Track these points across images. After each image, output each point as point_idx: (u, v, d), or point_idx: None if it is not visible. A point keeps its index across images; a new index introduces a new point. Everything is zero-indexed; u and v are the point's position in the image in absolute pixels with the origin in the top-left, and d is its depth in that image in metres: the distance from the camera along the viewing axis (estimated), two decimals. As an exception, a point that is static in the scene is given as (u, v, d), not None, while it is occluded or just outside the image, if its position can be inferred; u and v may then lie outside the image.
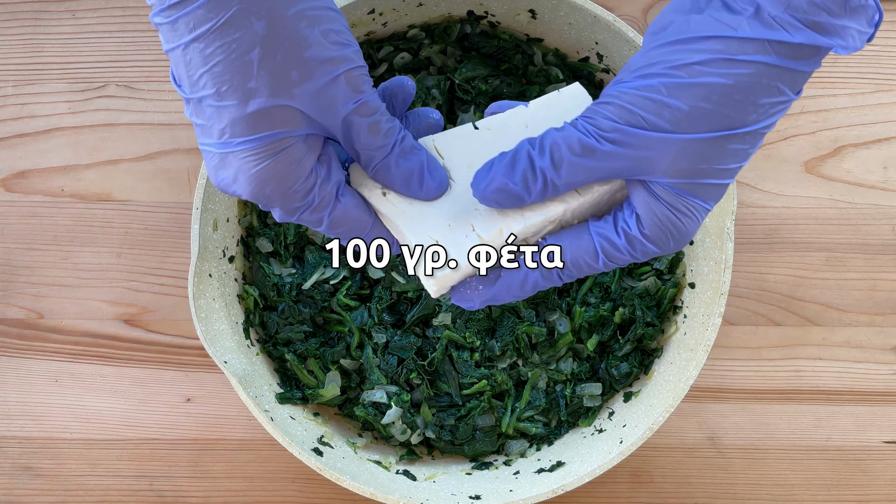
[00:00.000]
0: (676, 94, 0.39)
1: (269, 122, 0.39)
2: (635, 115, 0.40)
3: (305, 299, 0.68)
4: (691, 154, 0.40)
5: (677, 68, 0.39)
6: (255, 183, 0.41)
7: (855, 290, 0.74)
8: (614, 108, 0.40)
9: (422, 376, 0.67)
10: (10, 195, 0.73)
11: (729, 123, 0.40)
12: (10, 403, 0.73)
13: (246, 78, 0.38)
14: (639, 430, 0.62)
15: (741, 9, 0.39)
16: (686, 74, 0.39)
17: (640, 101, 0.40)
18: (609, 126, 0.40)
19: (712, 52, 0.39)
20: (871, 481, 0.73)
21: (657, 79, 0.40)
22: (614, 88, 0.41)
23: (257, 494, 0.72)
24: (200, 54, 0.38)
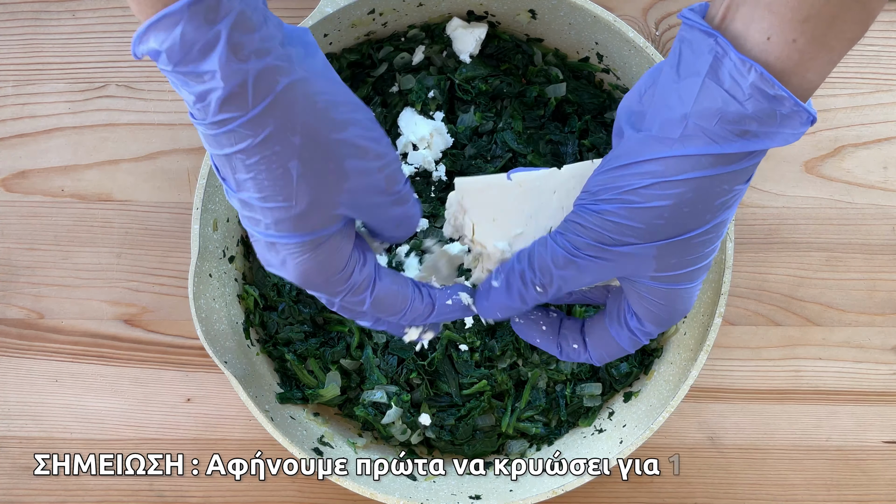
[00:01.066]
0: (632, 217, 0.42)
1: (311, 222, 0.42)
2: (602, 235, 0.43)
3: (305, 299, 0.68)
4: (660, 257, 0.43)
5: (626, 193, 0.42)
6: (300, 272, 0.44)
7: (855, 290, 0.74)
8: (584, 229, 0.44)
9: (422, 376, 0.67)
10: (11, 195, 0.73)
11: (686, 228, 0.42)
12: (10, 403, 0.73)
13: (287, 185, 0.41)
14: (639, 430, 0.62)
15: (675, 125, 0.40)
16: (637, 198, 0.42)
17: (602, 224, 0.43)
18: (582, 244, 0.44)
19: (653, 175, 0.41)
20: (871, 481, 0.73)
21: (612, 204, 0.43)
22: (580, 208, 0.44)
23: (257, 494, 0.72)
24: (243, 164, 0.40)
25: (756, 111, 0.39)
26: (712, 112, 0.39)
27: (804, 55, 0.38)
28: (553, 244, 0.45)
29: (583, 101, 0.69)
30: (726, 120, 0.39)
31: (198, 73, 0.38)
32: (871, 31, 0.74)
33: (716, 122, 0.39)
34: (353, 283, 0.46)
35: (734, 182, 0.41)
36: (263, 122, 0.39)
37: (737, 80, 0.38)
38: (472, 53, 0.69)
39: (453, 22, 0.68)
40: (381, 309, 0.47)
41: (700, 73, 0.39)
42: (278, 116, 0.39)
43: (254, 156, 0.40)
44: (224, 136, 0.40)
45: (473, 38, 0.68)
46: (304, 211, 0.42)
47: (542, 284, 0.46)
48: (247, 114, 0.39)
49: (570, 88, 0.69)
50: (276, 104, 0.39)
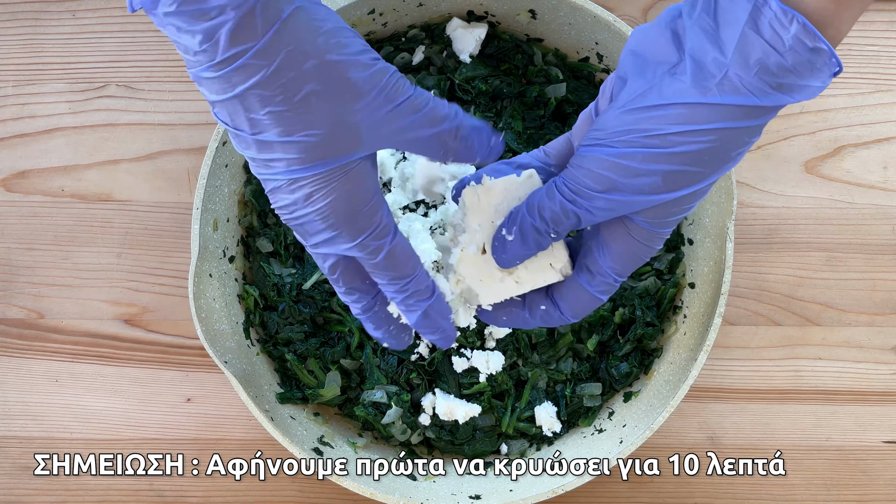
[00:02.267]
0: (651, 162, 0.41)
1: (336, 146, 0.42)
2: (612, 181, 0.43)
3: (305, 299, 0.68)
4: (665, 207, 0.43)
5: (651, 137, 0.41)
6: (329, 203, 0.43)
7: (855, 290, 0.74)
8: (592, 175, 0.43)
9: (422, 376, 0.67)
10: (11, 195, 0.73)
11: (700, 178, 0.42)
12: (10, 403, 0.73)
13: (307, 111, 0.41)
14: (639, 430, 0.62)
15: (711, 73, 0.40)
16: (660, 143, 0.41)
17: (616, 168, 0.42)
18: (588, 194, 0.43)
19: (682, 120, 0.40)
20: (871, 481, 0.73)
21: (632, 147, 0.42)
22: (591, 150, 0.43)
23: (257, 494, 0.72)
24: (259, 98, 0.40)
25: (795, 63, 0.38)
26: (752, 63, 0.39)
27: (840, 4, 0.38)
28: (560, 196, 0.45)
29: (583, 101, 0.69)
30: (765, 72, 0.39)
31: (204, 9, 0.38)
32: (870, 31, 0.74)
33: (754, 73, 0.39)
34: (378, 222, 0.45)
35: (754, 134, 0.41)
36: (276, 49, 0.39)
37: (777, 31, 0.38)
38: (472, 53, 0.69)
39: (453, 22, 0.68)
40: (392, 265, 0.46)
41: (739, 22, 0.38)
42: (288, 42, 0.39)
43: (270, 87, 0.40)
44: (236, 72, 0.39)
45: (473, 38, 0.68)
46: (328, 135, 0.42)
47: (555, 231, 0.46)
48: (257, 42, 0.39)
49: (570, 88, 0.69)
50: (284, 29, 0.39)
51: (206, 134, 0.73)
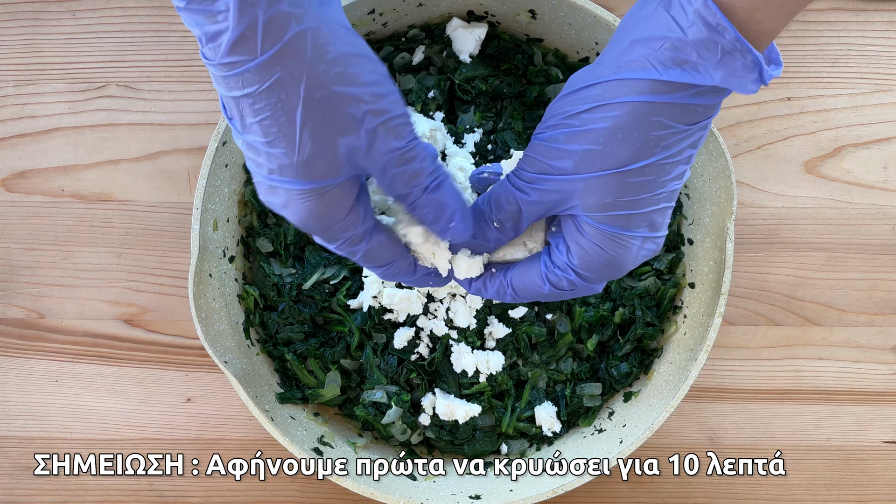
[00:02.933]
0: (571, 141, 0.43)
1: (313, 170, 0.43)
2: (544, 164, 0.45)
3: (305, 299, 0.68)
4: (595, 190, 0.44)
5: (569, 118, 0.43)
6: (301, 217, 0.44)
7: (855, 290, 0.74)
8: (530, 160, 0.46)
9: (422, 376, 0.67)
10: (11, 195, 0.73)
11: (622, 160, 0.43)
12: (11, 403, 0.73)
13: (291, 132, 0.41)
14: (639, 430, 0.62)
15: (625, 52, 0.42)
16: (577, 122, 0.43)
17: (546, 151, 0.45)
18: (528, 176, 0.46)
19: (594, 98, 0.42)
20: (871, 481, 0.73)
21: (556, 129, 0.44)
22: (532, 140, 0.46)
23: (257, 494, 0.72)
24: (251, 107, 0.41)
25: (696, 39, 0.39)
26: (657, 38, 0.40)
27: None
28: (506, 181, 0.47)
29: (583, 101, 0.69)
30: (668, 47, 0.40)
31: (211, 11, 0.38)
32: (870, 31, 0.74)
33: (658, 48, 0.40)
34: (351, 235, 0.46)
35: (673, 117, 0.42)
36: (271, 69, 0.39)
37: (683, 7, 0.39)
38: (472, 53, 0.69)
39: (453, 22, 0.68)
40: (370, 260, 0.48)
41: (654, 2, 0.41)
42: (286, 64, 0.39)
43: (260, 101, 0.40)
44: (233, 78, 0.40)
45: (473, 38, 0.68)
46: (307, 160, 0.42)
47: (499, 220, 0.48)
48: (255, 59, 0.39)
49: (570, 88, 0.69)
50: (284, 51, 0.39)
51: (206, 134, 0.73)
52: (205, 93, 0.73)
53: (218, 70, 0.40)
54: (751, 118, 0.74)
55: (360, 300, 0.67)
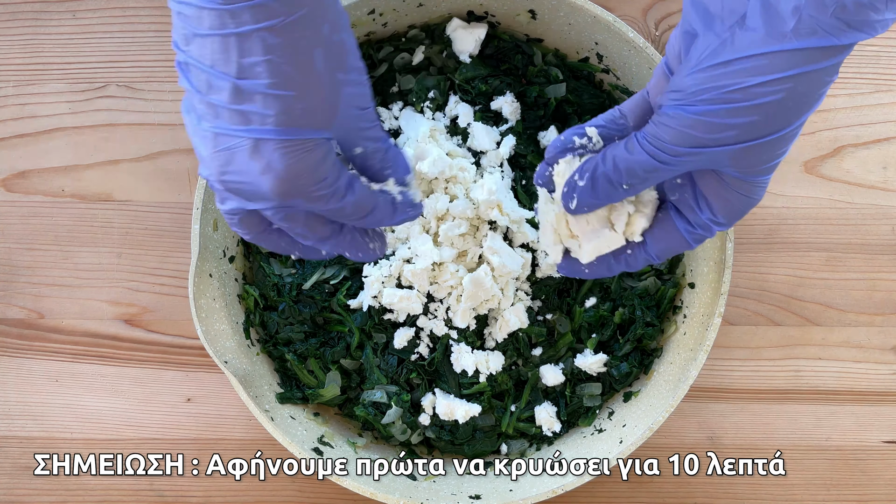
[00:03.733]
0: (735, 115, 0.41)
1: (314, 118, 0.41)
2: (696, 138, 0.42)
3: (305, 299, 0.68)
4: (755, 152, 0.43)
5: (732, 92, 0.41)
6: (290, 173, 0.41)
7: (855, 290, 0.74)
8: (675, 133, 0.43)
9: (422, 376, 0.67)
10: (11, 195, 0.73)
11: (785, 124, 0.42)
12: (11, 403, 0.73)
13: (305, 73, 0.40)
14: (639, 430, 0.62)
15: (784, 18, 0.39)
16: (741, 97, 0.41)
17: (700, 125, 0.42)
18: (671, 149, 0.43)
19: (761, 71, 0.40)
20: (870, 481, 0.73)
21: (713, 105, 0.41)
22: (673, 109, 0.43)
23: (257, 494, 0.72)
24: (263, 44, 0.39)
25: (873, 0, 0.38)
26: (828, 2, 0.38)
27: None
28: (641, 151, 0.45)
29: (583, 101, 0.69)
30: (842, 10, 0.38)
31: None
32: (870, 31, 0.74)
33: (831, 13, 0.38)
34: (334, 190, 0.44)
35: (832, 73, 0.41)
36: (300, 2, 0.38)
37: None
38: (472, 53, 0.69)
39: (453, 22, 0.68)
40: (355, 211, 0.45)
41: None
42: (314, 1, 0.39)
43: (281, 35, 0.39)
44: (248, 10, 0.38)
45: (473, 38, 0.68)
46: (312, 106, 0.40)
47: (629, 184, 0.46)
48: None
49: (570, 88, 0.69)
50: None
51: (206, 134, 0.73)
52: (205, 93, 0.73)
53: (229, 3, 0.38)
54: (751, 118, 0.74)
55: (359, 300, 0.67)
